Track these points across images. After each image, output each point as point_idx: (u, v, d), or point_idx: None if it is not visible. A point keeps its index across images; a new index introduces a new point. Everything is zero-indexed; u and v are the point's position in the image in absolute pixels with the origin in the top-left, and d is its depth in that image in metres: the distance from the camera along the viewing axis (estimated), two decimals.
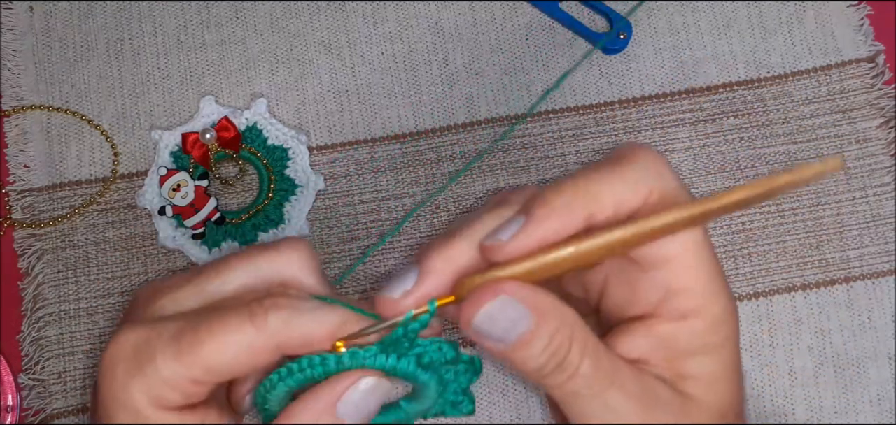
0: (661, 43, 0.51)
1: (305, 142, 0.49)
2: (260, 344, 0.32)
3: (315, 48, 0.51)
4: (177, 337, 0.32)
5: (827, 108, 0.51)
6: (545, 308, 0.31)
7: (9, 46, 0.50)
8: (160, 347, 0.32)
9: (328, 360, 0.32)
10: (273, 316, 0.32)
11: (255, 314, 0.32)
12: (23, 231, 0.48)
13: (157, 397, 0.32)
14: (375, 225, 0.49)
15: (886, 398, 0.47)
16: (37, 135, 0.49)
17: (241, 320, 0.31)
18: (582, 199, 0.32)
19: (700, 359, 0.33)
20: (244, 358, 0.32)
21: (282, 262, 0.35)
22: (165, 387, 0.31)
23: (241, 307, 0.32)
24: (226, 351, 0.31)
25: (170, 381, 0.31)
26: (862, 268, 0.48)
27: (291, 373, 0.32)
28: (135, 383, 0.32)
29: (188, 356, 0.31)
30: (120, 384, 0.32)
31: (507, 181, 0.49)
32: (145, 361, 0.32)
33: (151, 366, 0.31)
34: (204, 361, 0.31)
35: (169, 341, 0.32)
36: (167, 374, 0.31)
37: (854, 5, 0.52)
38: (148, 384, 0.31)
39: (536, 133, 0.50)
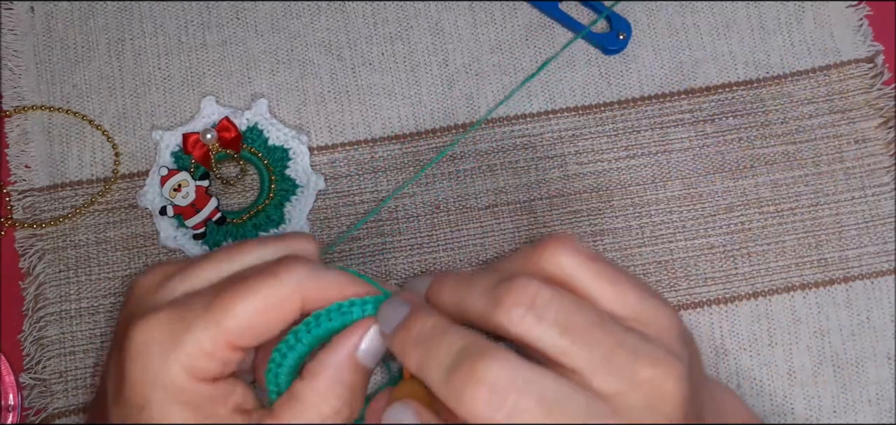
0: (660, 43, 0.52)
1: (306, 142, 0.49)
2: (285, 295, 0.34)
3: (315, 48, 0.51)
4: (208, 306, 0.33)
5: (826, 108, 0.51)
6: None
7: (10, 46, 0.51)
8: (194, 319, 0.33)
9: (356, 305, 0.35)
10: (294, 270, 0.34)
11: (276, 271, 0.34)
12: (24, 231, 0.48)
13: (195, 368, 0.33)
14: (375, 224, 0.49)
15: (885, 398, 0.47)
16: (38, 136, 0.49)
17: (266, 278, 0.34)
18: None
19: None
20: (273, 312, 0.34)
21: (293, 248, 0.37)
22: (203, 357, 0.33)
23: (260, 269, 0.34)
24: (256, 307, 0.33)
25: (208, 349, 0.33)
26: (861, 267, 0.49)
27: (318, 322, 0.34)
28: (173, 357, 0.33)
29: (223, 319, 0.33)
30: (157, 363, 0.33)
31: (506, 181, 0.49)
32: (182, 334, 0.33)
33: (189, 337, 0.33)
34: (237, 321, 0.33)
35: (201, 311, 0.33)
36: (205, 342, 0.33)
37: (853, 6, 0.52)
38: (187, 355, 0.33)
39: (536, 133, 0.50)
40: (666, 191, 0.49)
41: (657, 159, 0.50)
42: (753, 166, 0.50)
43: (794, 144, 0.50)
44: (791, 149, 0.50)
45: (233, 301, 0.33)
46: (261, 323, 0.34)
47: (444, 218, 0.49)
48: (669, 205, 0.49)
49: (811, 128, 0.50)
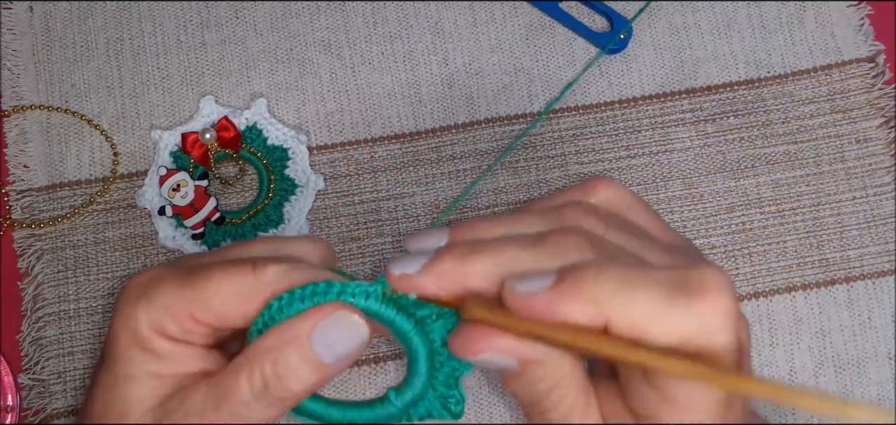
0: (661, 43, 0.51)
1: (305, 142, 0.49)
2: (254, 291, 0.34)
3: (315, 48, 0.51)
4: (186, 274, 0.35)
5: (827, 108, 0.51)
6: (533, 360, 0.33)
7: (8, 46, 0.50)
8: (169, 280, 0.35)
9: (333, 287, 0.34)
10: (272, 268, 0.34)
11: (256, 265, 0.34)
12: (22, 231, 0.48)
13: (157, 323, 0.34)
14: (375, 225, 0.48)
15: (886, 398, 0.47)
16: (36, 135, 0.49)
17: (245, 269, 0.34)
18: (608, 299, 0.30)
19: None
20: (238, 301, 0.34)
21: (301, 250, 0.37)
22: (165, 315, 0.34)
23: (245, 262, 0.35)
24: (224, 292, 0.34)
25: (170, 310, 0.34)
26: (862, 267, 0.48)
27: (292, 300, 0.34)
28: (140, 305, 0.34)
29: (190, 290, 0.34)
30: (129, 307, 0.35)
31: (507, 181, 0.49)
32: (153, 289, 0.35)
33: (157, 293, 0.34)
34: (202, 297, 0.34)
35: (178, 276, 0.35)
36: (169, 302, 0.34)
37: (854, 5, 0.52)
38: (150, 308, 0.34)
39: (536, 133, 0.50)
40: (667, 191, 0.49)
41: (658, 159, 0.50)
42: (754, 166, 0.50)
43: (795, 144, 0.50)
44: (792, 149, 0.50)
45: (205, 278, 0.34)
46: (223, 308, 0.34)
47: (443, 218, 0.49)
48: (670, 205, 0.49)
49: (812, 128, 0.50)
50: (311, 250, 0.38)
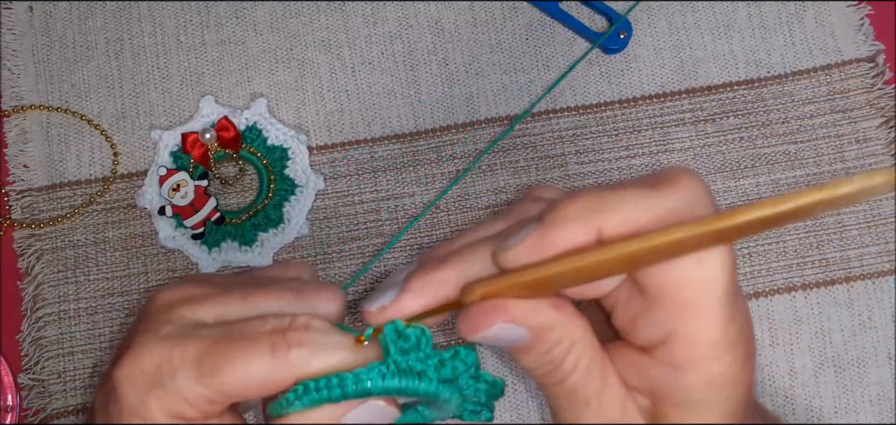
0: (661, 43, 0.51)
1: (305, 142, 0.49)
2: (279, 377, 0.32)
3: (315, 48, 0.51)
4: (199, 361, 0.33)
5: (827, 108, 0.51)
6: (545, 326, 0.32)
7: (8, 46, 0.50)
8: (182, 367, 0.33)
9: (346, 380, 0.32)
10: (295, 351, 0.32)
11: (277, 347, 0.32)
12: (22, 231, 0.48)
13: (173, 411, 0.33)
14: (375, 225, 0.48)
15: (886, 398, 0.47)
16: (36, 135, 0.49)
17: (262, 353, 0.32)
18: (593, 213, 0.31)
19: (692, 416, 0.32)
20: (262, 386, 0.33)
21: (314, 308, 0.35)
22: (184, 404, 0.33)
23: (263, 338, 0.33)
24: (245, 379, 0.32)
25: (189, 399, 0.33)
26: (862, 267, 0.48)
27: (307, 392, 0.32)
28: (153, 396, 0.33)
29: (209, 379, 0.32)
30: (138, 397, 0.33)
31: (507, 181, 0.49)
32: (166, 377, 0.33)
33: (172, 384, 0.33)
34: (223, 386, 0.32)
35: (191, 363, 0.33)
36: (187, 394, 0.32)
37: (854, 5, 0.52)
38: (168, 399, 0.33)
39: (536, 133, 0.50)
40: None
41: (658, 159, 0.50)
42: (754, 166, 0.50)
43: (795, 144, 0.50)
44: (792, 149, 0.50)
45: (221, 368, 0.32)
46: (245, 392, 0.33)
47: (444, 218, 0.49)
48: None
49: (812, 128, 0.50)
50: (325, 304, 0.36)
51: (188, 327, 0.34)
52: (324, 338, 0.33)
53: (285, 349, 0.32)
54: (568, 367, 0.33)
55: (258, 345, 0.32)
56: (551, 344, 0.32)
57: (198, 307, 0.35)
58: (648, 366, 0.33)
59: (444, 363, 0.33)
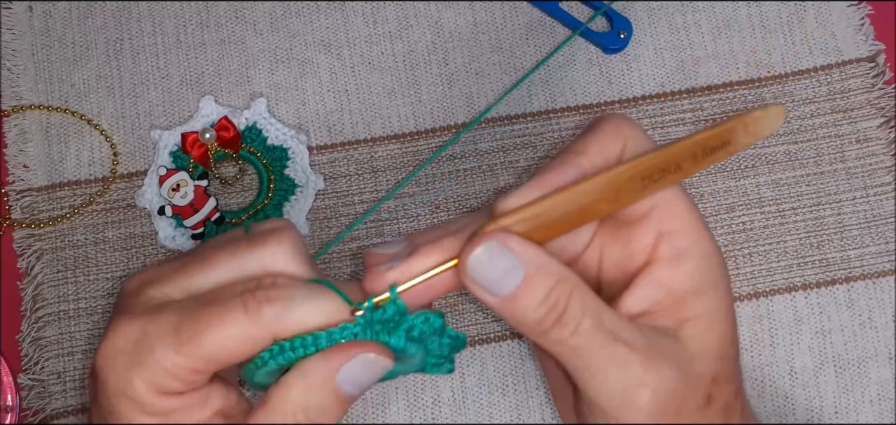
0: (661, 42, 0.51)
1: (305, 141, 0.49)
2: (256, 335, 0.33)
3: (315, 48, 0.51)
4: (175, 330, 0.32)
5: (827, 108, 0.51)
6: (540, 262, 0.33)
7: (8, 46, 0.50)
8: (159, 339, 0.32)
9: (320, 339, 0.33)
10: (267, 308, 0.33)
11: (248, 306, 0.33)
12: (22, 231, 0.48)
13: (158, 385, 0.33)
14: (375, 224, 0.48)
15: (886, 398, 0.47)
16: (36, 135, 0.49)
17: (236, 314, 0.32)
18: (573, 157, 0.35)
19: (699, 299, 0.35)
20: (241, 347, 0.33)
21: (266, 255, 0.35)
22: (167, 376, 0.32)
23: (234, 299, 0.33)
24: (223, 342, 0.32)
25: (171, 371, 0.32)
26: (862, 267, 0.48)
27: (282, 351, 0.33)
28: (136, 373, 0.33)
29: (187, 346, 0.32)
30: (122, 377, 0.33)
31: (507, 181, 0.49)
32: (145, 353, 0.32)
33: (152, 358, 0.32)
34: (203, 352, 0.32)
35: (168, 334, 0.32)
36: (168, 365, 0.32)
37: (854, 5, 0.52)
38: (150, 373, 0.32)
39: (536, 133, 0.50)
40: None
41: None
42: (755, 166, 0.50)
43: (795, 144, 0.50)
44: (792, 149, 0.50)
45: (199, 332, 0.32)
46: (227, 356, 0.33)
47: (444, 218, 0.49)
48: None
49: (812, 128, 0.50)
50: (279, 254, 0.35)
51: (158, 304, 0.34)
52: (293, 293, 0.33)
53: (257, 306, 0.32)
54: (577, 310, 0.33)
55: (231, 306, 0.32)
56: (549, 285, 0.33)
57: (163, 285, 0.35)
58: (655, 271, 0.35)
59: (412, 325, 0.34)
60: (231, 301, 0.33)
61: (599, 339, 0.33)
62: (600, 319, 0.33)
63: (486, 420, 0.46)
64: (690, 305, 0.35)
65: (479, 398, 0.46)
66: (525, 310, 0.33)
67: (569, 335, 0.33)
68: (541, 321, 0.33)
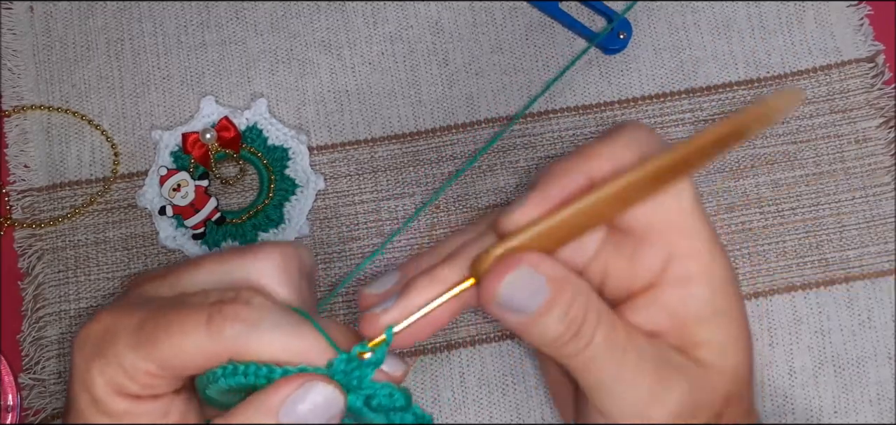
0: (660, 43, 0.51)
1: (305, 142, 0.49)
2: (211, 351, 0.31)
3: (315, 48, 0.51)
4: (138, 328, 0.32)
5: (827, 108, 0.51)
6: (562, 278, 0.32)
7: (9, 46, 0.50)
8: (122, 335, 0.32)
9: (275, 372, 0.31)
10: (229, 327, 0.31)
11: (212, 319, 0.31)
12: (23, 231, 0.48)
13: (115, 383, 0.32)
14: (375, 224, 0.49)
15: (886, 397, 0.47)
16: (37, 135, 0.49)
17: (198, 323, 0.31)
18: (581, 163, 0.33)
19: (710, 325, 0.34)
20: (197, 359, 0.31)
21: (253, 269, 0.34)
22: (124, 376, 0.31)
23: (201, 308, 0.31)
24: (179, 350, 0.31)
25: (128, 370, 0.31)
26: (862, 267, 0.48)
27: (235, 373, 0.31)
28: (95, 366, 0.32)
29: (144, 348, 0.31)
30: (84, 365, 0.32)
31: (507, 181, 0.49)
32: (107, 346, 0.32)
33: (112, 352, 0.31)
34: (159, 355, 0.31)
35: (131, 330, 0.32)
36: (126, 363, 0.31)
37: (854, 5, 0.52)
38: (108, 369, 0.31)
39: (536, 133, 0.50)
40: None
41: None
42: (754, 166, 0.50)
43: (794, 144, 0.50)
44: (792, 149, 0.50)
45: (157, 336, 0.31)
46: (180, 363, 0.31)
47: (443, 218, 0.49)
48: None
49: (812, 128, 0.50)
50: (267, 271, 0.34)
51: (143, 299, 0.33)
52: (262, 316, 0.31)
53: (220, 322, 0.31)
54: (591, 324, 0.33)
55: (195, 316, 0.31)
56: (570, 300, 0.32)
57: (160, 283, 0.34)
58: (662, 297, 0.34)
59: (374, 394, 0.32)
60: (196, 309, 0.31)
61: (612, 352, 0.33)
62: (613, 333, 0.33)
63: (486, 420, 0.46)
64: (699, 332, 0.34)
65: (479, 398, 0.46)
66: (545, 327, 0.33)
67: (583, 347, 0.33)
68: (560, 336, 0.33)
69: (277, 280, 0.34)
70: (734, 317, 0.35)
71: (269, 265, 0.34)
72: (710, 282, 0.34)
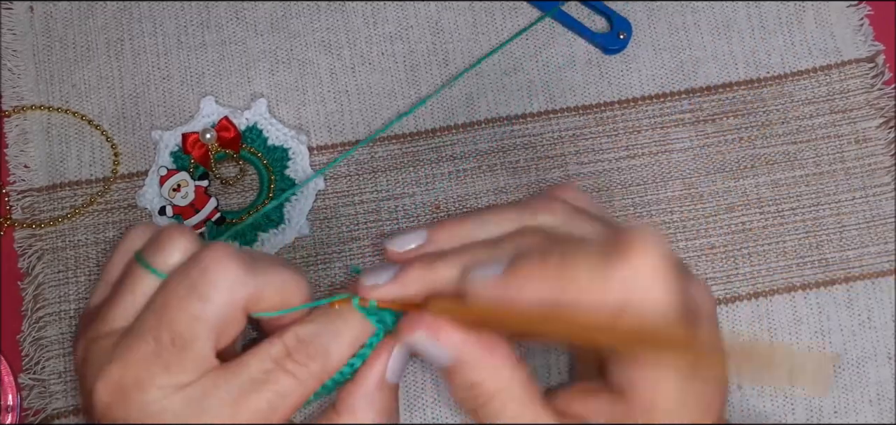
0: (660, 43, 0.51)
1: (305, 142, 0.49)
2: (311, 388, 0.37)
3: (315, 48, 0.51)
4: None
5: (826, 108, 0.51)
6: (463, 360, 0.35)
7: (9, 46, 0.50)
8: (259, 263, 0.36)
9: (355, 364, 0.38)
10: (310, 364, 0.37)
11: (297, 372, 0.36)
12: (23, 231, 0.48)
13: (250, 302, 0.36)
14: (375, 224, 0.49)
15: (886, 398, 0.47)
16: (37, 136, 0.49)
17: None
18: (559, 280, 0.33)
19: None
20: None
21: None
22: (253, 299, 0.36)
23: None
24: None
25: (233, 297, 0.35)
26: (862, 267, 0.48)
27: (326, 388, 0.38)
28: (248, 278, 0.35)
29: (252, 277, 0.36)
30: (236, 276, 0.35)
31: (506, 181, 0.49)
32: (252, 265, 0.36)
33: (252, 274, 0.36)
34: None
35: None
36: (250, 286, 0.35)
37: (854, 5, 0.52)
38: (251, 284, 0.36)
39: (536, 133, 0.50)
40: (666, 191, 0.49)
41: (657, 159, 0.50)
42: (754, 166, 0.50)
43: (794, 144, 0.50)
44: (792, 149, 0.50)
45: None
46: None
47: (444, 218, 0.49)
48: (670, 205, 0.49)
49: (812, 128, 0.50)
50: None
51: None
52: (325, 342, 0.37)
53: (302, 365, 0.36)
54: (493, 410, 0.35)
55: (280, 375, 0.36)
56: (469, 382, 0.35)
57: None
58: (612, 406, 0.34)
59: None
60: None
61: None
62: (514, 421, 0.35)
63: None
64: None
65: None
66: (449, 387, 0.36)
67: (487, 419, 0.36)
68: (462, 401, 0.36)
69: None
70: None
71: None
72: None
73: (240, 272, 0.35)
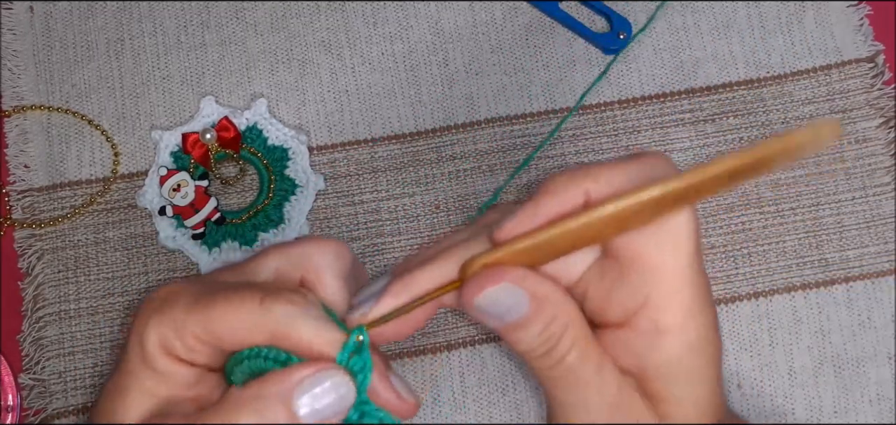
0: (660, 43, 0.51)
1: (305, 142, 0.49)
2: (259, 325, 0.33)
3: (315, 48, 0.51)
4: (197, 296, 0.34)
5: (827, 108, 0.51)
6: (543, 296, 0.33)
7: (9, 46, 0.50)
8: (182, 299, 0.34)
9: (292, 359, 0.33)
10: (280, 307, 0.33)
11: (266, 298, 0.33)
12: (23, 231, 0.48)
13: (164, 340, 0.34)
14: (375, 224, 0.49)
15: (886, 398, 0.47)
16: (37, 135, 0.49)
17: (253, 298, 0.33)
18: (581, 180, 0.33)
19: (678, 385, 0.33)
20: (242, 332, 0.33)
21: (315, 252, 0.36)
22: (174, 335, 0.34)
23: (256, 288, 0.34)
24: (229, 319, 0.33)
25: (178, 330, 0.34)
26: (862, 267, 0.48)
27: (258, 356, 0.34)
28: (152, 321, 0.34)
29: (197, 313, 0.33)
30: (143, 320, 0.34)
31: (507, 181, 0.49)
32: (167, 307, 0.34)
33: (170, 312, 0.34)
34: (208, 321, 0.33)
35: (191, 296, 0.34)
36: (178, 323, 0.34)
37: (854, 5, 0.52)
38: (161, 324, 0.34)
39: (536, 133, 0.50)
40: None
41: None
42: None
43: None
44: None
45: (213, 303, 0.33)
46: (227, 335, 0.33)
47: (444, 218, 0.49)
48: None
49: None
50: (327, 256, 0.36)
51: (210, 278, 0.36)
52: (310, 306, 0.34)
53: (272, 302, 0.33)
54: (565, 345, 0.33)
55: (251, 293, 0.34)
56: (549, 319, 0.33)
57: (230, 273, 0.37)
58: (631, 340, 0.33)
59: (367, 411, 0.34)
60: (252, 288, 0.34)
61: (576, 378, 0.33)
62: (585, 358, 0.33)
63: (486, 420, 0.46)
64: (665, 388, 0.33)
65: (479, 398, 0.46)
66: (520, 338, 0.34)
67: (552, 365, 0.34)
68: (533, 350, 0.34)
69: (333, 269, 0.36)
70: (705, 380, 0.34)
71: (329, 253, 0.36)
72: (683, 341, 0.33)
73: None
